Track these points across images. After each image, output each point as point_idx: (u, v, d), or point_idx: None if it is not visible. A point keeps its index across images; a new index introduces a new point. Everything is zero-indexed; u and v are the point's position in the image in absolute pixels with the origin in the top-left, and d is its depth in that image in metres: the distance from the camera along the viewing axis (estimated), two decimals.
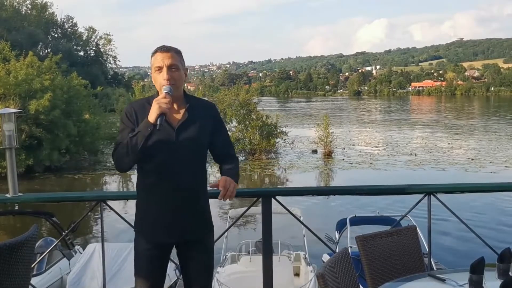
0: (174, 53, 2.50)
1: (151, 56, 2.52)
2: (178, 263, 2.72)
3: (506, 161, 25.18)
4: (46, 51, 47.77)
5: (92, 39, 58.62)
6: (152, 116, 2.36)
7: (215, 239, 3.60)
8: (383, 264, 2.83)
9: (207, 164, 2.67)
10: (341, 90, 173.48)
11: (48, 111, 23.41)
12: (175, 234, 2.55)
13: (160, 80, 2.47)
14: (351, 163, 25.82)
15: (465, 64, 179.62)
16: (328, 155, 27.89)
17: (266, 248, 3.36)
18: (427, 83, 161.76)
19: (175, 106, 2.54)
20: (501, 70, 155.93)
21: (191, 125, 2.50)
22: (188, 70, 2.64)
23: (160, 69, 2.48)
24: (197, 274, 2.64)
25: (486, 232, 9.85)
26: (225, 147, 2.67)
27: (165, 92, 2.43)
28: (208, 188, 2.63)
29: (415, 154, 28.17)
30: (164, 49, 2.50)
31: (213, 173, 12.80)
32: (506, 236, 12.24)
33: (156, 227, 2.55)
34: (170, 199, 2.49)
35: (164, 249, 2.61)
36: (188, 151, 2.46)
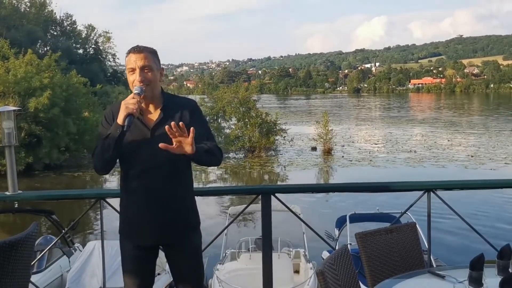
0: (148, 53, 2.45)
1: (126, 57, 2.47)
2: None
3: (505, 158, 25.17)
4: (45, 49, 47.60)
5: (91, 37, 58.38)
6: (120, 118, 2.33)
7: (214, 237, 3.59)
8: (382, 261, 2.83)
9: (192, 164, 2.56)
10: (341, 88, 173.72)
11: (47, 109, 23.37)
12: (153, 236, 2.51)
13: (133, 82, 2.44)
14: (351, 160, 25.81)
15: (465, 61, 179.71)
16: (328, 152, 27.87)
17: (266, 245, 3.36)
18: (427, 80, 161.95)
19: (151, 107, 2.50)
20: (501, 67, 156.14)
21: (166, 124, 2.39)
22: (185, 68, 2.61)
23: (133, 70, 2.44)
24: (185, 276, 2.60)
25: (485, 229, 9.84)
26: (201, 139, 2.41)
27: (135, 93, 2.39)
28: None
29: (415, 151, 28.16)
30: (137, 49, 2.45)
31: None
32: (506, 233, 12.25)
33: (134, 228, 2.52)
34: (149, 200, 2.46)
35: (146, 250, 2.56)
36: (165, 151, 2.32)
